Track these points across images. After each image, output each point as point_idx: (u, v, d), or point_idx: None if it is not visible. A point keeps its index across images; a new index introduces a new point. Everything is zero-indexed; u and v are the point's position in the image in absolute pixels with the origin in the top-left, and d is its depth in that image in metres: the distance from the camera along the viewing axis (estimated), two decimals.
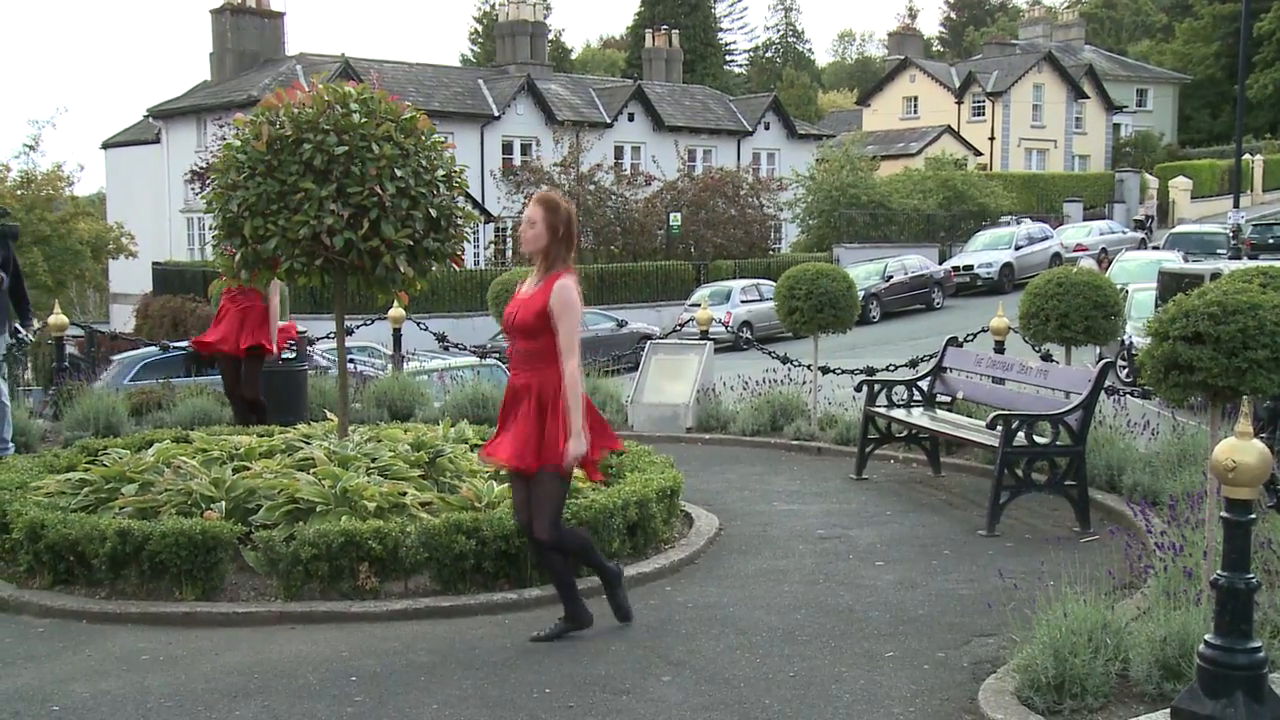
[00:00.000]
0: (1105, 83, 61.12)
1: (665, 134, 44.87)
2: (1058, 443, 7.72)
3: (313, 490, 6.57)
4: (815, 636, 5.69)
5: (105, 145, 47.63)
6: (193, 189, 31.63)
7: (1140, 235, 40.17)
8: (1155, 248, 31.36)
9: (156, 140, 43.10)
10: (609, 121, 43.50)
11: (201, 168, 28.70)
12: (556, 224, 5.45)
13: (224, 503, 6.61)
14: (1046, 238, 36.96)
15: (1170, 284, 14.84)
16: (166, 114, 42.13)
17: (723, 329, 26.78)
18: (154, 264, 36.47)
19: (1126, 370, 15.32)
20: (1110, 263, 26.81)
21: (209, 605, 6.06)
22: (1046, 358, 10.40)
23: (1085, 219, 45.48)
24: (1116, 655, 4.64)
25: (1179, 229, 34.38)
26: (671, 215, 38.27)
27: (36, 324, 10.71)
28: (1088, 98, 59.44)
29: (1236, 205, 35.10)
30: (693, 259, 37.87)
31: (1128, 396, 10.45)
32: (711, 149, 46.75)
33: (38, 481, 7.25)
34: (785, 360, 12.43)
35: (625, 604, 5.84)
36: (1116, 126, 62.59)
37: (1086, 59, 62.69)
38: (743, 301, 29.95)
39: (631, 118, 44.66)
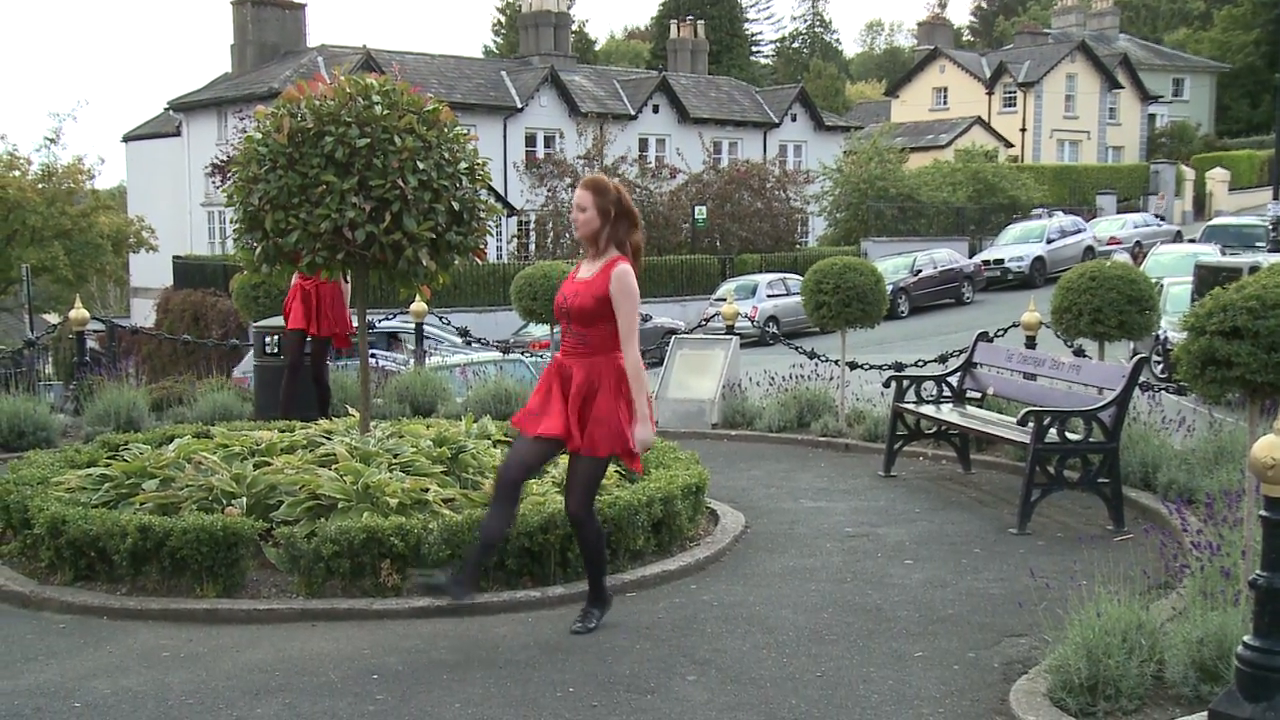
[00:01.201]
0: (1140, 72, 60.68)
1: (690, 126, 44.82)
2: (1091, 439, 7.68)
3: (334, 486, 6.60)
4: (843, 636, 5.67)
5: (126, 138, 47.96)
6: (213, 182, 31.73)
7: (1177, 228, 39.89)
8: (1191, 240, 31.11)
9: (177, 133, 43.35)
10: (633, 113, 43.49)
11: (222, 161, 28.81)
12: (607, 206, 5.51)
13: (245, 499, 6.65)
14: (1079, 231, 36.77)
15: (1207, 278, 14.73)
16: (187, 106, 42.37)
17: (749, 324, 26.61)
18: (175, 258, 36.67)
19: (1161, 366, 15.22)
20: (1145, 256, 26.62)
21: (230, 602, 6.10)
22: (1079, 353, 10.33)
23: (1119, 212, 45.19)
24: (1151, 656, 4.61)
25: (1216, 221, 34.06)
26: (697, 208, 38.22)
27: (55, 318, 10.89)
28: (1122, 88, 59.05)
29: (1276, 197, 34.71)
30: (718, 253, 37.82)
31: (1163, 392, 10.37)
32: (737, 141, 46.67)
33: (59, 477, 7.31)
34: (812, 355, 12.40)
35: (593, 624, 5.76)
36: (1152, 117, 62.15)
37: (1121, 48, 62.27)
38: (769, 296, 29.91)
39: (656, 110, 44.63)
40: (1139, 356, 7.96)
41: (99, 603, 6.14)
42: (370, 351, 9.86)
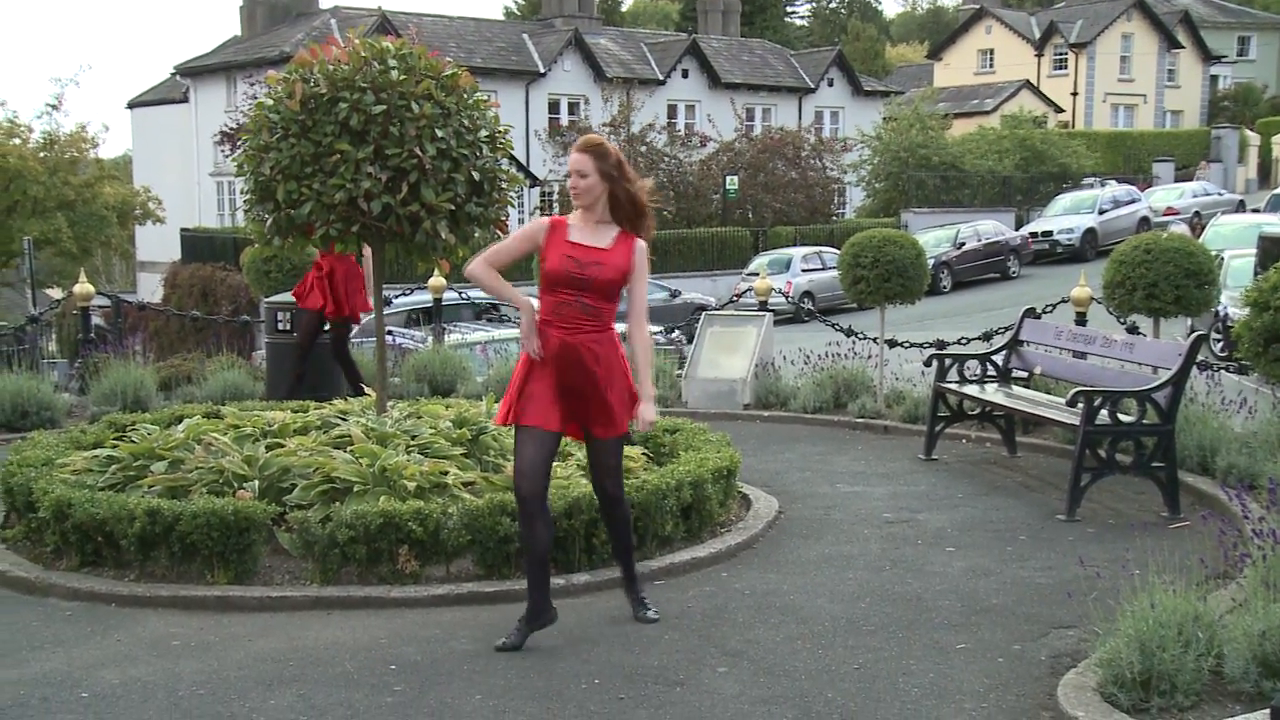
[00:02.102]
0: (1203, 30, 59.93)
1: (722, 91, 44.64)
2: (1144, 421, 7.63)
3: (350, 469, 6.64)
4: (881, 626, 5.67)
5: (131, 105, 48.17)
6: (223, 151, 31.92)
7: (1239, 198, 39.47)
8: (1255, 210, 30.79)
9: (184, 99, 43.51)
10: (662, 78, 43.35)
11: (232, 129, 28.96)
12: (609, 170, 5.41)
13: (257, 482, 6.69)
14: (1133, 201, 36.44)
15: (1271, 250, 14.59)
16: (195, 72, 42.51)
17: (782, 299, 26.65)
18: (182, 230, 36.89)
19: (1221, 344, 15.09)
20: (1204, 227, 26.38)
21: (242, 589, 6.15)
22: (1133, 330, 10.27)
23: (1176, 180, 44.77)
24: (1209, 650, 4.58)
25: None
26: (728, 178, 38.10)
27: (59, 293, 11.03)
28: (1182, 47, 58.35)
29: None
30: (750, 225, 37.71)
31: (1222, 372, 10.30)
32: (771, 107, 46.45)
33: (64, 458, 7.38)
34: (849, 333, 12.37)
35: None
36: (1214, 79, 61.41)
37: (1182, 5, 61.47)
38: (804, 270, 29.83)
39: (686, 74, 44.46)
40: (1197, 334, 7.90)
41: (106, 589, 6.20)
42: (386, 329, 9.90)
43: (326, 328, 10.32)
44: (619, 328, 5.45)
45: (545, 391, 5.38)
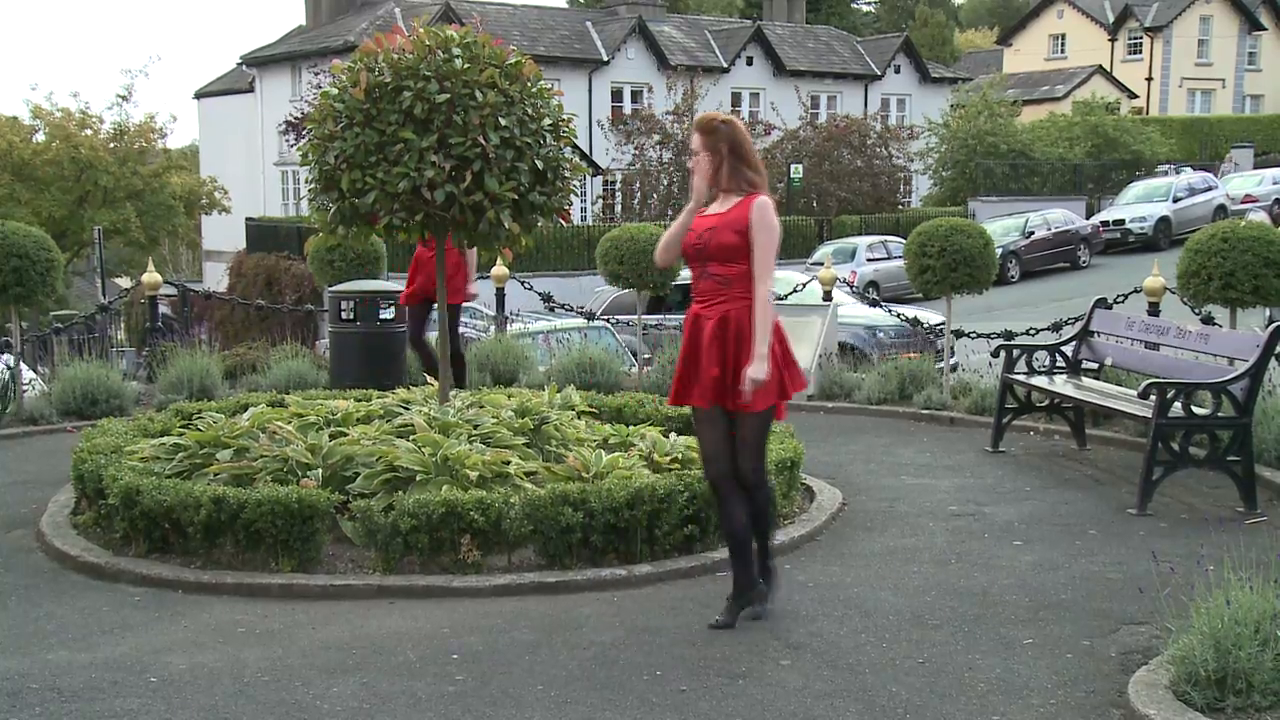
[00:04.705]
0: None
1: (786, 79, 44.45)
2: (1219, 414, 7.51)
3: (412, 458, 6.69)
4: (946, 621, 5.63)
5: (198, 95, 48.88)
6: (288, 140, 32.25)
7: None
8: None
9: (250, 89, 44.07)
10: (726, 66, 43.24)
11: (297, 118, 29.24)
12: (717, 144, 5.44)
13: (321, 470, 6.76)
14: (1210, 188, 35.82)
15: None
16: (260, 62, 43.03)
17: (848, 289, 26.53)
18: (248, 220, 37.34)
19: None
20: None
21: (306, 577, 6.22)
22: (1208, 320, 10.09)
23: (1256, 167, 43.91)
24: None
25: None
26: (792, 167, 37.94)
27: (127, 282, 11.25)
28: (1265, 29, 57.15)
29: None
30: (815, 214, 37.53)
31: None
32: (836, 95, 46.17)
33: (132, 446, 7.50)
34: (915, 323, 12.27)
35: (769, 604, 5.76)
36: None
37: None
38: (869, 260, 29.64)
39: (750, 62, 44.31)
40: (1276, 325, 7.75)
41: (174, 575, 6.30)
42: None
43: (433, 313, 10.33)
44: None
45: (695, 370, 5.49)
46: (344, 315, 10.84)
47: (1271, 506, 7.35)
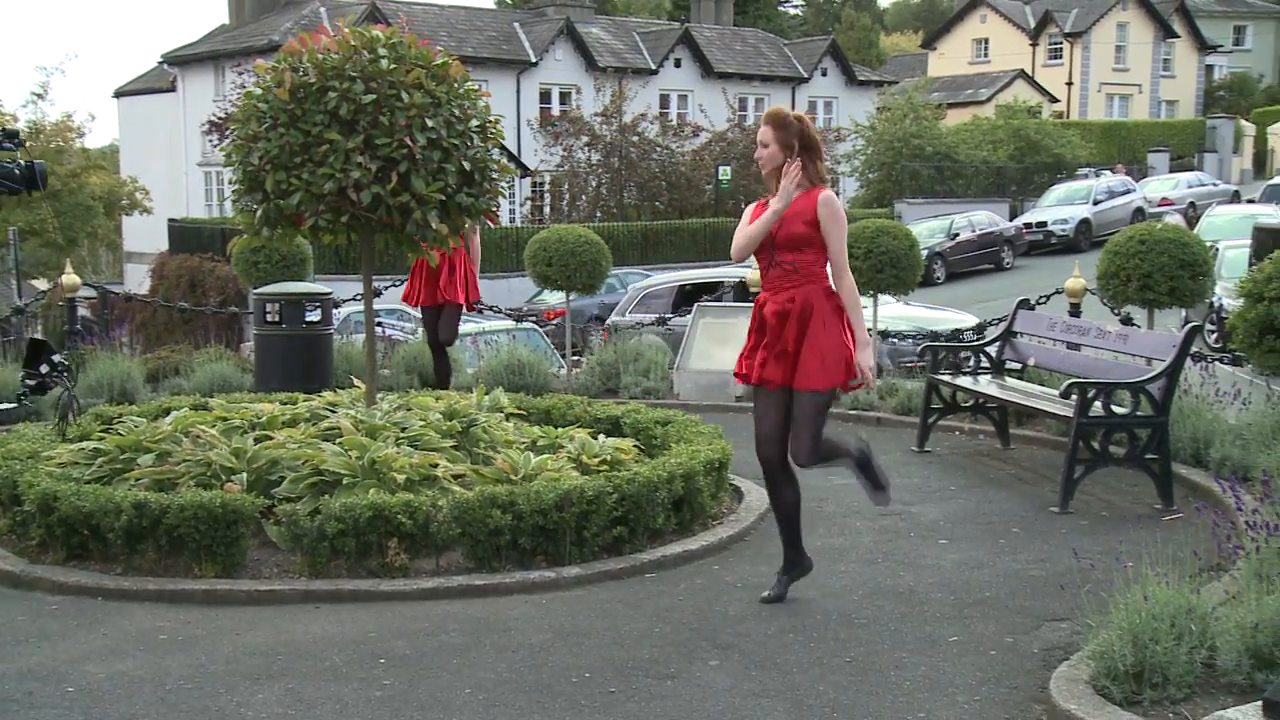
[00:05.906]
0: (1198, 19, 59.90)
1: (714, 81, 44.62)
2: (1138, 413, 7.65)
3: (339, 461, 6.63)
4: (873, 620, 5.69)
5: (118, 94, 48.04)
6: (211, 141, 31.84)
7: (1234, 188, 39.52)
8: (1250, 201, 30.85)
9: (172, 89, 43.39)
10: (654, 68, 43.31)
11: (220, 118, 28.86)
12: (790, 139, 5.62)
13: (245, 474, 6.68)
14: (1128, 191, 36.49)
15: (1266, 241, 14.58)
16: (182, 60, 42.38)
17: None
18: (170, 221, 36.71)
19: (1215, 335, 15.12)
20: (1199, 218, 26.42)
21: (229, 583, 6.14)
22: (1127, 321, 10.28)
23: (1172, 171, 44.84)
24: (1202, 643, 4.59)
25: (1277, 180, 33.73)
26: (721, 168, 38.11)
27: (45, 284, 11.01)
28: (1178, 37, 58.38)
29: None
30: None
31: (1216, 363, 10.31)
32: (764, 97, 46.37)
33: (50, 451, 7.36)
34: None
35: (878, 478, 6.01)
36: (1210, 68, 61.43)
37: None
38: None
39: (678, 64, 44.42)
40: (1191, 325, 7.91)
41: (93, 583, 6.19)
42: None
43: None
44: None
45: (758, 350, 5.73)
46: (269, 318, 10.71)
47: (1187, 503, 7.49)
